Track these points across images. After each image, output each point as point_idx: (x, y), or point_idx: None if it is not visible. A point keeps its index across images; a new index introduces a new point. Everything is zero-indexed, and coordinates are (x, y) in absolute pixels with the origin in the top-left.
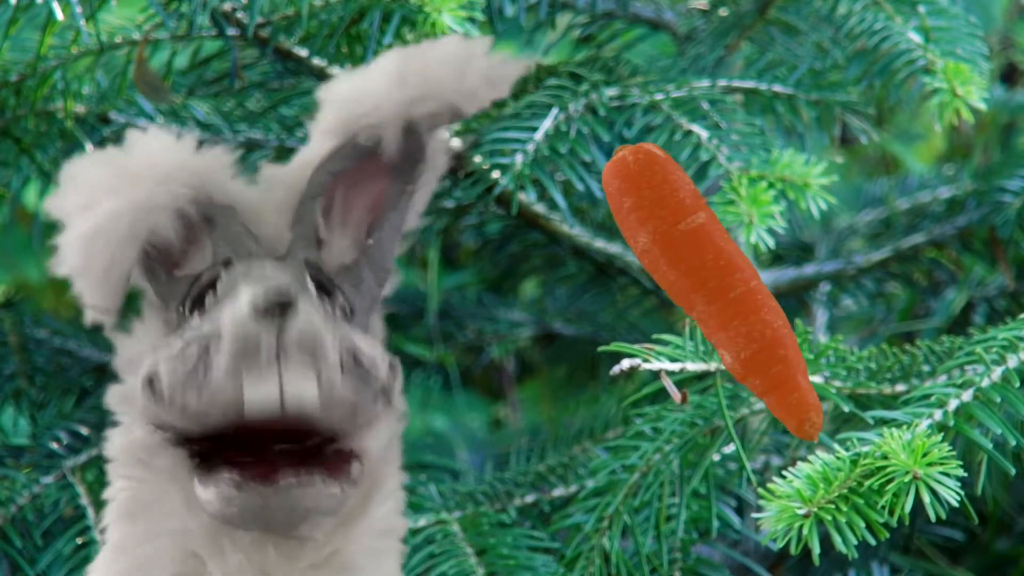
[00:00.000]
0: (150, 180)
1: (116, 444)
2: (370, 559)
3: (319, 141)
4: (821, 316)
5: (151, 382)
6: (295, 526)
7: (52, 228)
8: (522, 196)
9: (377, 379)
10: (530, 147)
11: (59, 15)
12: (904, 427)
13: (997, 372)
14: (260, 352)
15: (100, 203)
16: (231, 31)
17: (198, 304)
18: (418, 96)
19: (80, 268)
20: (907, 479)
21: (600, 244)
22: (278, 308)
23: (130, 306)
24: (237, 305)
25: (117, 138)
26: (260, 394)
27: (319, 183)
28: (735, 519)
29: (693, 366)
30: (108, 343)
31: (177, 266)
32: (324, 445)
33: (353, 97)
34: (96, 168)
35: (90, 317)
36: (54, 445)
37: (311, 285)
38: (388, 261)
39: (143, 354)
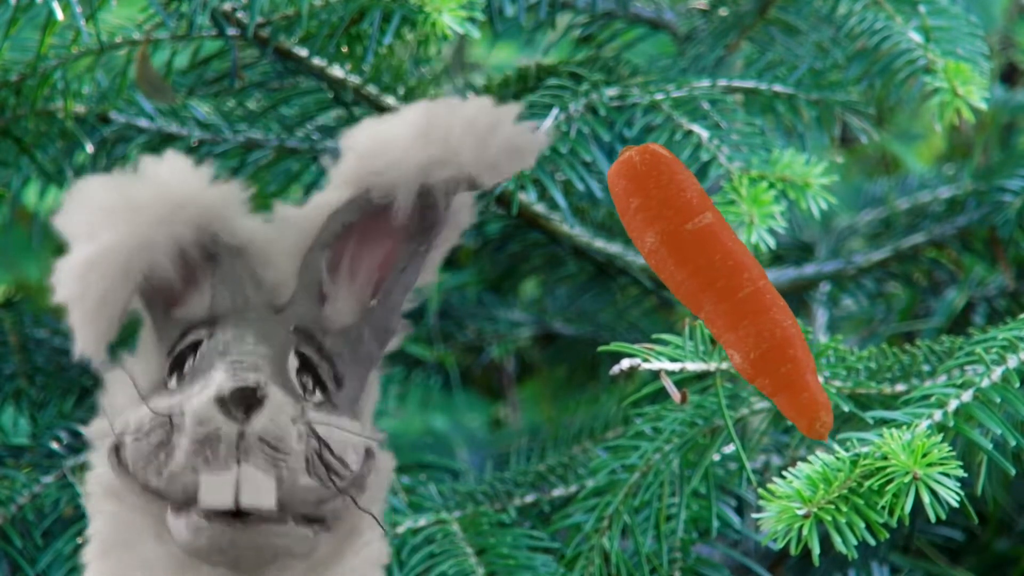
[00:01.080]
0: (154, 216)
1: (92, 479)
2: None
3: (336, 189)
4: (821, 316)
5: (117, 451)
6: (263, 566)
7: (52, 228)
8: (522, 196)
9: (345, 475)
10: None
11: (59, 15)
12: (904, 427)
13: (997, 372)
14: (220, 446)
15: (100, 233)
16: (231, 31)
17: (177, 366)
18: (437, 161)
19: (74, 299)
20: (907, 479)
21: (600, 244)
22: (242, 404)
23: (122, 342)
24: (204, 394)
25: (117, 138)
26: (215, 490)
27: (330, 232)
28: (735, 519)
29: (693, 366)
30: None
31: (175, 304)
32: None
33: (372, 150)
34: (104, 193)
35: (79, 349)
36: (54, 445)
37: (293, 363)
38: (393, 322)
39: (125, 403)
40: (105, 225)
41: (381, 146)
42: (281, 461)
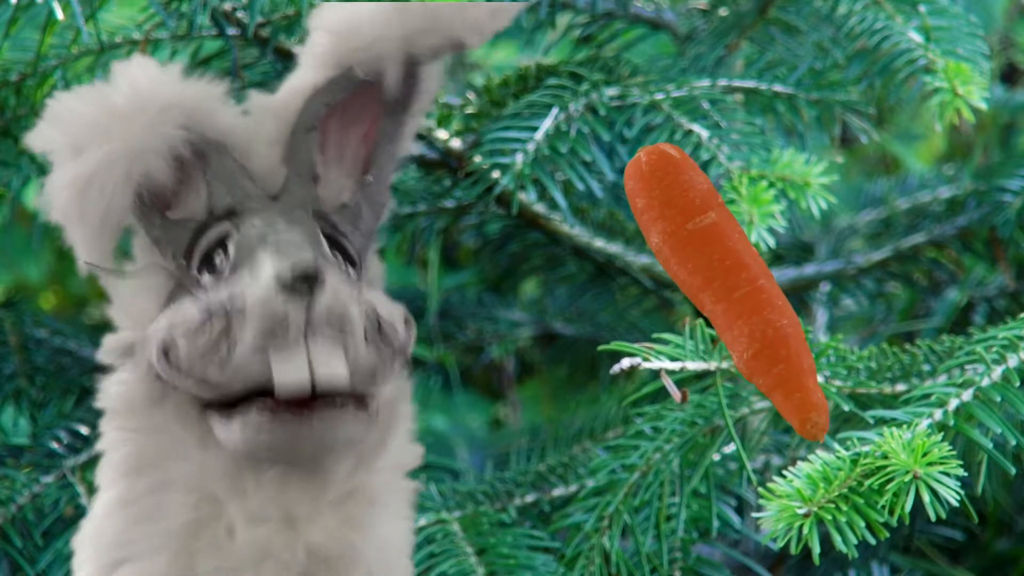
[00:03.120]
0: (142, 121)
1: (113, 395)
2: (389, 494)
3: (311, 69)
4: (821, 316)
5: (167, 352)
6: (322, 458)
7: (52, 228)
8: (522, 196)
9: (396, 343)
10: (530, 146)
11: (59, 15)
12: (904, 426)
13: (997, 371)
14: (288, 330)
15: (91, 147)
16: (231, 31)
17: (206, 263)
18: (420, 29)
19: (73, 217)
20: (907, 478)
21: (600, 244)
22: (306, 284)
23: (121, 249)
24: (262, 280)
25: None
26: (290, 375)
27: (313, 114)
28: (735, 519)
29: (693, 365)
30: None
31: (169, 206)
32: None
33: (349, 27)
34: (84, 106)
35: (83, 267)
36: (54, 445)
37: (325, 245)
38: (384, 195)
39: (146, 309)
40: (94, 139)
41: (358, 22)
42: (348, 336)
